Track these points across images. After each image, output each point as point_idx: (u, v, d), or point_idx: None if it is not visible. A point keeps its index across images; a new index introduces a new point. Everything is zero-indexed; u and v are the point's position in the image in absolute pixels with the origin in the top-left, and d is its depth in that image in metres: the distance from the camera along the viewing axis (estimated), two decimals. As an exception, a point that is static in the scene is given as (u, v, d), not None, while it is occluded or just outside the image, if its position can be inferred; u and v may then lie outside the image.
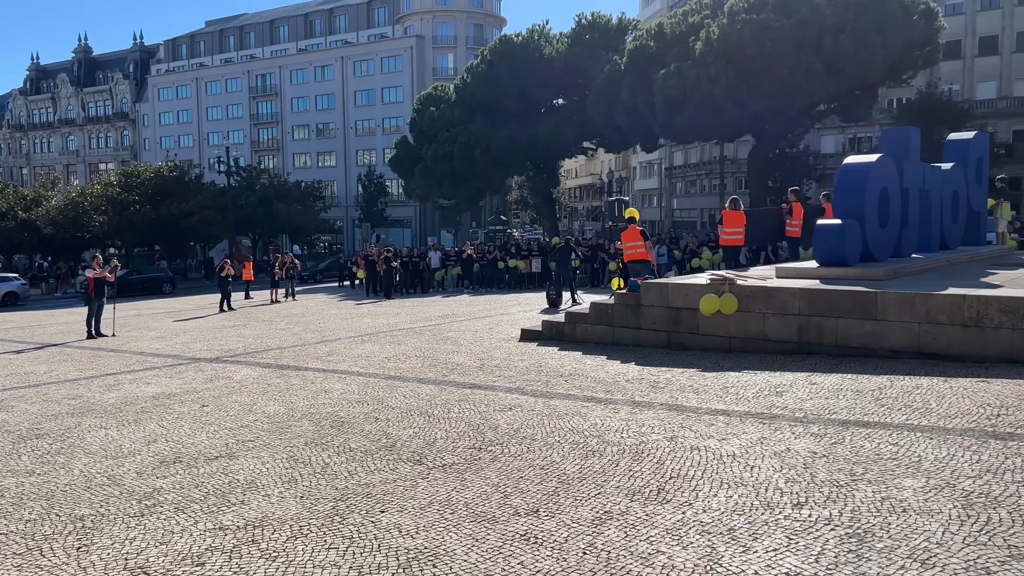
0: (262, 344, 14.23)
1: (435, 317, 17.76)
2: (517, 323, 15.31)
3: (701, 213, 71.65)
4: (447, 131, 43.24)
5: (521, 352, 11.44)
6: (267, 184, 54.83)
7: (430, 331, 14.82)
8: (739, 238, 14.49)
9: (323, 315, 20.13)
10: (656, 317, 11.24)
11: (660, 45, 36.58)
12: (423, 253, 29.19)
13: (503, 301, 21.60)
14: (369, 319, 18.21)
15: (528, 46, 43.39)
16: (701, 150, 71.42)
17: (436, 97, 47.39)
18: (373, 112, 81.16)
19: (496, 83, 43.31)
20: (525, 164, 43.96)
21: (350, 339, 14.27)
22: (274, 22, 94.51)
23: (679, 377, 8.91)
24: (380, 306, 22.36)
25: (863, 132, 60.16)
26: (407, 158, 46.80)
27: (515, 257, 27.13)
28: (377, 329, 15.83)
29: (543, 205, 47.05)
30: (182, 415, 8.22)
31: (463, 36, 79.43)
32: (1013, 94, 55.10)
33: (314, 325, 17.40)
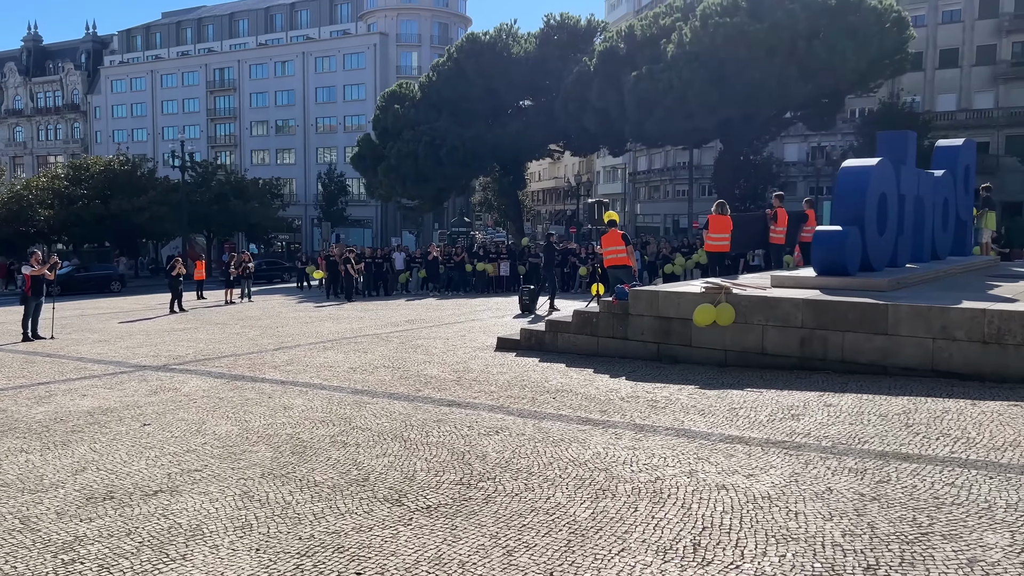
0: (215, 350, 13.13)
1: (401, 322, 16.79)
2: (490, 330, 14.43)
3: (665, 219, 71.58)
4: (412, 129, 42.19)
5: (500, 363, 10.56)
6: (224, 180, 53.14)
7: (398, 338, 13.86)
8: (725, 244, 13.80)
9: (281, 318, 19.01)
10: (645, 327, 10.45)
11: (630, 47, 36.08)
12: (387, 254, 28.13)
13: (472, 306, 20.69)
14: (331, 323, 17.17)
15: (496, 45, 42.59)
16: (665, 155, 71.38)
17: (401, 95, 46.29)
18: (334, 110, 79.59)
19: (463, 81, 42.44)
20: (492, 165, 43.13)
21: (311, 346, 13.24)
22: (233, 15, 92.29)
23: (678, 395, 8.12)
24: (342, 309, 21.30)
25: (826, 141, 60.49)
26: (370, 156, 45.61)
27: (483, 260, 26.23)
28: (340, 335, 14.81)
29: (509, 207, 46.24)
30: (119, 436, 7.17)
31: (428, 35, 78.35)
32: (972, 107, 55.86)
33: (271, 329, 16.31)
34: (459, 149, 39.96)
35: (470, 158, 40.51)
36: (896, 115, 49.92)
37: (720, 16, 30.38)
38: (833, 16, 29.85)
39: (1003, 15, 54.05)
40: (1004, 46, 54.72)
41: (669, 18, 35.87)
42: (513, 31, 43.92)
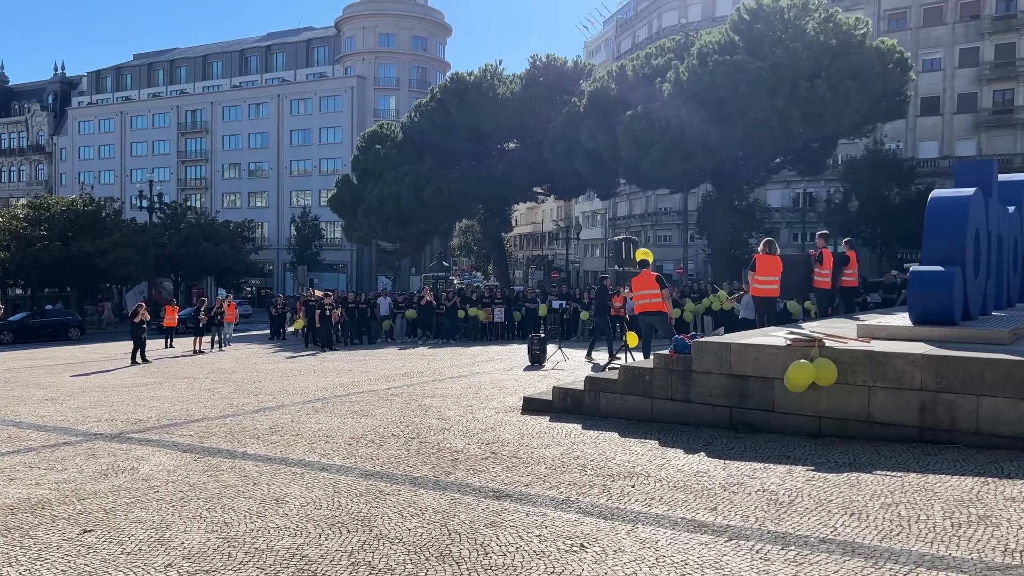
0: (182, 412, 11.03)
1: (397, 376, 14.78)
2: (505, 386, 12.51)
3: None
4: (394, 170, 40.49)
5: (537, 432, 8.64)
6: (193, 222, 50.89)
7: (399, 396, 11.86)
8: (774, 288, 12.10)
9: (257, 371, 16.89)
10: (713, 388, 8.61)
11: (622, 87, 34.88)
12: (370, 299, 26.13)
13: (470, 356, 18.74)
14: (315, 377, 15.11)
15: (481, 85, 41.26)
16: (646, 200, 70.58)
17: (382, 135, 44.68)
18: (310, 152, 77.97)
19: (447, 122, 40.96)
20: (477, 207, 41.48)
21: (297, 407, 11.20)
22: (207, 57, 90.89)
23: (793, 482, 6.25)
24: (323, 360, 19.21)
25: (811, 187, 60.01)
26: (349, 197, 43.73)
27: (475, 305, 24.34)
28: (328, 392, 12.77)
29: (493, 250, 44.55)
30: (45, 551, 5.12)
31: (406, 78, 77.43)
32: (955, 154, 55.63)
33: (248, 385, 14.21)
34: (444, 190, 38.29)
35: (455, 200, 38.84)
36: (881, 162, 49.45)
37: (719, 54, 29.30)
38: (835, 56, 28.92)
39: (983, 64, 54.26)
40: (985, 94, 54.86)
41: (662, 58, 34.83)
42: (498, 72, 42.69)
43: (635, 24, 74.63)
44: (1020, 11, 53.21)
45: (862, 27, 29.66)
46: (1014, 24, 53.64)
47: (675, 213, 68.11)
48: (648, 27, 71.86)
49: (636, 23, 74.46)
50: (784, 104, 28.04)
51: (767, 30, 29.99)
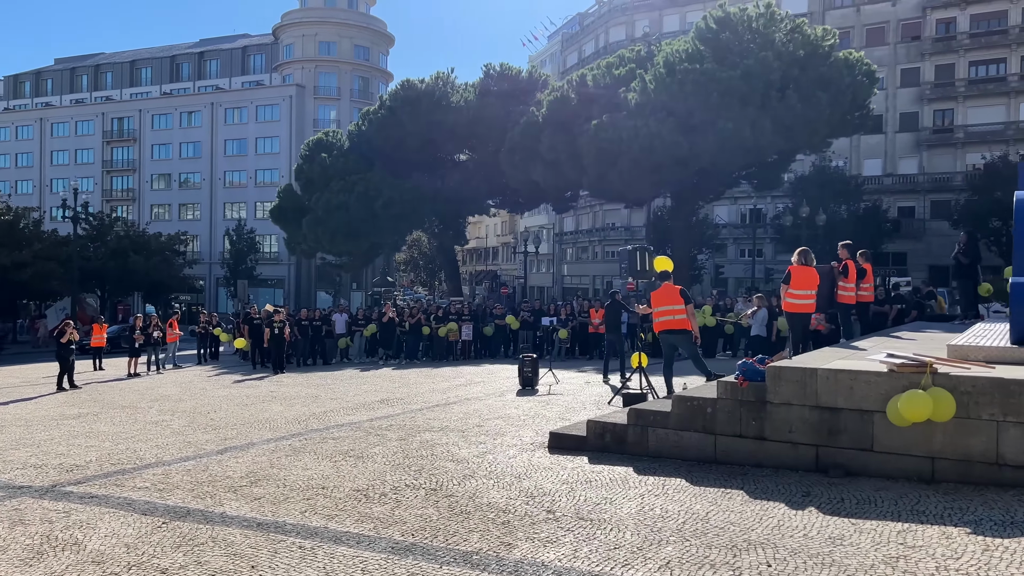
0: (131, 454, 9.09)
1: (373, 403, 13.01)
2: (506, 415, 10.91)
3: (594, 280, 69.61)
4: (341, 180, 38.50)
5: (583, 478, 7.07)
6: (122, 234, 47.71)
7: (389, 429, 10.13)
8: (810, 303, 10.83)
9: (207, 398, 14.85)
10: (795, 422, 7.20)
11: (583, 97, 33.80)
12: (324, 316, 24.14)
13: (445, 378, 17.03)
14: (278, 406, 13.21)
15: (433, 93, 39.71)
16: (593, 216, 69.92)
17: (327, 143, 42.63)
18: (245, 163, 74.96)
19: (398, 130, 39.24)
20: (431, 219, 39.75)
21: (271, 445, 9.38)
22: (135, 63, 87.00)
23: (969, 552, 4.84)
24: (279, 384, 17.22)
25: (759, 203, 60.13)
26: (292, 208, 41.52)
27: (441, 321, 22.61)
28: (302, 424, 10.95)
29: (445, 264, 42.84)
30: None
31: (348, 88, 75.28)
32: (897, 172, 56.55)
33: (202, 416, 12.23)
34: (396, 201, 36.49)
35: (407, 211, 37.07)
36: (829, 178, 49.67)
37: (688, 63, 28.44)
38: (803, 67, 28.37)
39: (924, 84, 55.28)
40: (926, 114, 55.89)
41: (623, 68, 33.90)
42: (450, 80, 41.23)
43: (581, 39, 74.18)
44: (959, 33, 54.42)
45: (830, 38, 29.25)
46: (953, 46, 54.82)
47: (623, 228, 67.58)
48: (595, 42, 71.46)
49: (582, 38, 74.02)
50: (756, 114, 27.29)
51: (735, 40, 29.31)
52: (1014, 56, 52.96)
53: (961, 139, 54.14)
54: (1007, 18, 53.32)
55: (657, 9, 65.88)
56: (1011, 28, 52.95)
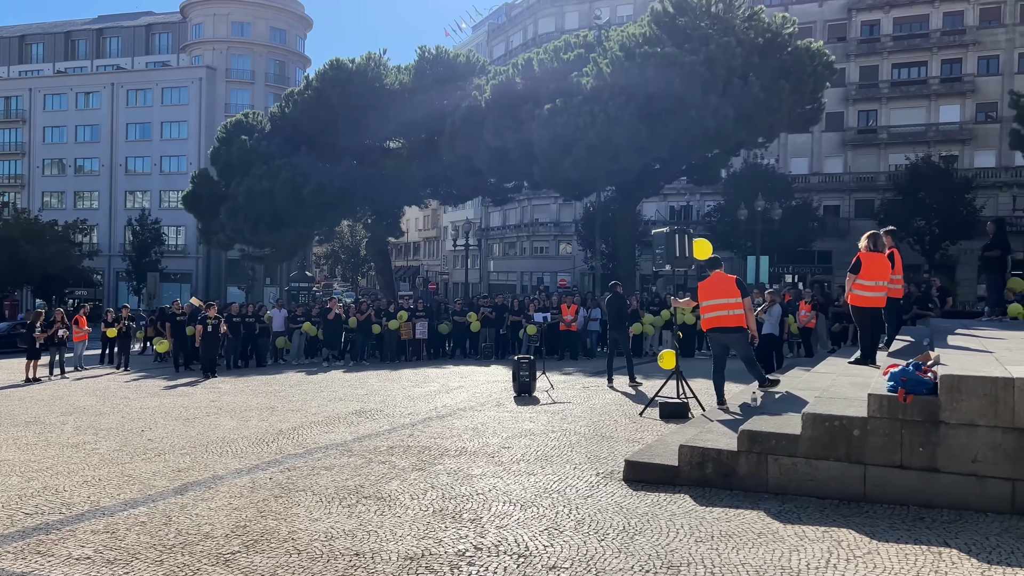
0: (52, 496, 6.67)
1: (347, 415, 10.78)
2: (528, 432, 8.94)
3: (521, 276, 68.04)
4: (265, 164, 35.42)
5: (711, 531, 5.19)
6: (12, 221, 43.08)
7: (392, 454, 7.97)
8: (881, 295, 9.26)
9: (134, 411, 12.23)
10: (982, 449, 5.51)
11: (530, 82, 31.99)
12: (258, 312, 21.43)
13: (412, 382, 14.85)
14: (228, 420, 10.80)
15: (366, 74, 37.11)
16: (521, 211, 68.32)
17: (248, 125, 39.39)
18: (149, 149, 69.95)
19: (327, 113, 36.47)
20: (364, 208, 37.10)
21: (244, 478, 7.11)
22: (25, 38, 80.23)
23: None
24: (217, 391, 14.67)
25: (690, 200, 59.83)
26: (208, 195, 38.10)
27: (393, 317, 20.30)
28: (273, 447, 8.66)
29: (377, 258, 40.19)
30: None
31: (262, 72, 71.20)
32: (823, 171, 57.17)
33: (136, 435, 9.74)
34: (326, 189, 33.72)
35: (338, 199, 34.35)
36: (760, 175, 49.50)
37: (649, 46, 26.98)
38: (764, 55, 27.38)
39: (849, 84, 55.90)
40: (851, 114, 56.57)
41: (572, 52, 32.25)
42: (383, 61, 38.71)
43: (508, 30, 72.43)
44: (883, 35, 55.34)
45: (789, 26, 28.35)
46: (877, 48, 55.68)
47: (552, 224, 66.22)
48: (523, 33, 69.84)
49: (510, 29, 72.26)
50: (718, 102, 26.07)
51: (691, 25, 28.04)
52: (935, 59, 54.18)
53: (884, 140, 55.08)
54: (928, 22, 54.51)
55: (587, 1, 64.77)
56: (932, 32, 54.12)
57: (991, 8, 53.04)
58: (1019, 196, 46.21)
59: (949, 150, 51.53)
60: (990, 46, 52.49)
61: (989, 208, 47.82)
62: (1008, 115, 51.90)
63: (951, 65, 53.73)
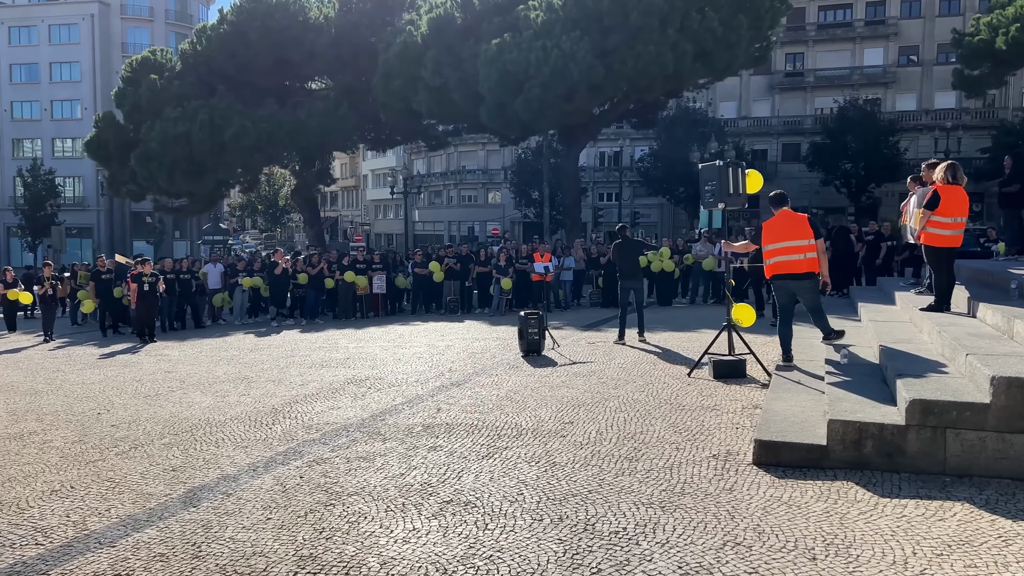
0: (17, 514, 5.00)
1: (343, 384, 9.24)
2: (573, 401, 7.65)
3: (449, 226, 66.24)
4: (179, 107, 32.34)
5: (931, 538, 4.06)
6: None
7: (443, 435, 6.56)
8: (960, 234, 8.25)
9: (73, 385, 10.31)
10: None
11: (470, 16, 30.00)
12: (191, 267, 19.24)
13: (386, 341, 13.30)
14: (199, 395, 9.11)
15: (288, 7, 34.23)
16: (447, 158, 66.18)
17: (156, 63, 35.95)
18: (38, 92, 64.30)
19: (246, 50, 33.53)
20: (291, 153, 34.51)
21: (266, 478, 5.59)
22: None
23: None
24: (164, 358, 12.78)
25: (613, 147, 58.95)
26: (115, 141, 34.71)
27: (347, 270, 18.51)
28: (279, 430, 7.10)
29: (305, 208, 37.70)
30: None
31: (162, 9, 66.02)
32: (751, 114, 57.24)
33: (91, 420, 7.96)
34: (249, 132, 30.99)
35: (263, 143, 31.68)
36: (692, 119, 48.96)
37: (604, -24, 25.45)
38: (721, -14, 26.24)
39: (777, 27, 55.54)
40: (779, 57, 56.41)
41: (516, -16, 30.37)
42: (305, -6, 35.82)
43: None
44: (810, -22, 55.12)
45: (745, -41, 27.20)
46: (804, -10, 55.43)
47: (480, 172, 64.37)
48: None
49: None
50: (676, 37, 24.86)
51: (645, -45, 26.58)
52: (859, 2, 54.48)
53: (811, 83, 55.37)
54: (854, -35, 54.59)
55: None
56: (857, -26, 54.28)
57: (915, -49, 53.46)
58: (940, 139, 47.12)
59: (873, 93, 52.14)
60: (913, -11, 53.04)
61: (912, 151, 48.81)
62: (929, 58, 52.96)
63: (875, 8, 54.14)
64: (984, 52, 31.07)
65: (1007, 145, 44.50)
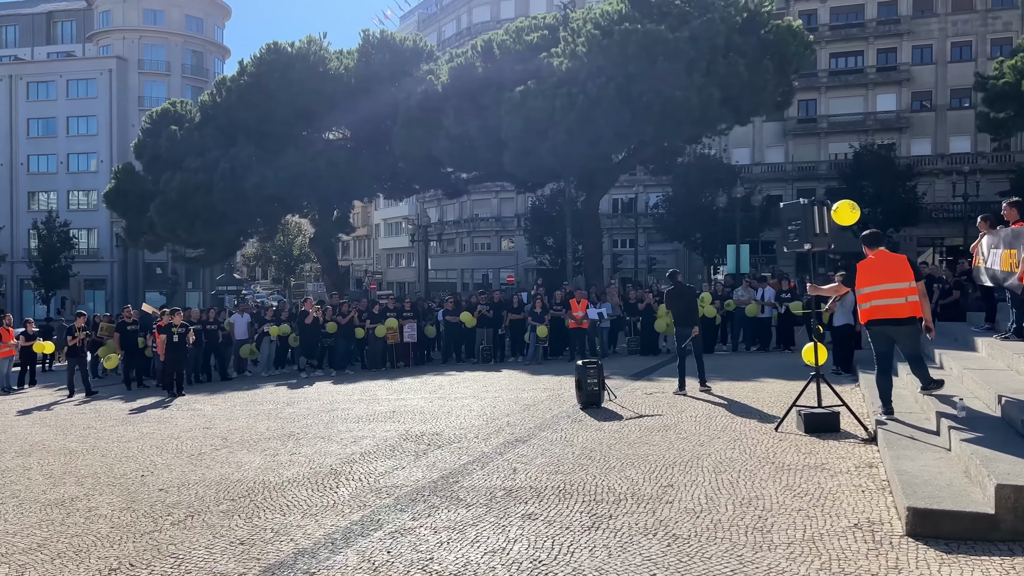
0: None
1: (397, 440, 8.62)
2: (661, 461, 7.04)
3: (462, 274, 65.91)
4: (199, 157, 32.27)
5: None
6: (-98, 224, 38.42)
7: (554, 498, 5.94)
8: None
9: (109, 443, 9.72)
10: None
11: (491, 64, 29.99)
12: (217, 317, 18.74)
13: (429, 392, 12.69)
14: (246, 454, 8.50)
15: (308, 58, 34.35)
16: (460, 207, 66.14)
17: (176, 115, 36.02)
18: (55, 146, 64.75)
19: (265, 100, 33.52)
20: (311, 202, 34.29)
21: (344, 551, 5.00)
22: (-94, 25, 73.11)
23: None
24: (198, 414, 12.20)
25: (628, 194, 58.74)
26: (134, 192, 34.63)
27: (379, 320, 17.98)
28: (348, 496, 6.50)
29: (323, 256, 37.32)
30: None
31: (179, 63, 66.78)
32: (765, 161, 57.17)
33: (135, 483, 7.37)
34: (270, 181, 30.82)
35: (284, 192, 31.51)
36: (710, 165, 48.79)
37: (629, 23, 25.37)
38: (744, 33, 26.16)
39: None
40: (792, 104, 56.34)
41: (536, 34, 30.40)
42: (324, 45, 35.99)
43: (440, 19, 70.11)
44: (820, 25, 55.56)
45: (767, 4, 27.21)
46: (815, 37, 55.66)
47: (493, 220, 64.23)
48: (456, 22, 67.67)
49: (442, 18, 69.96)
50: (703, 82, 24.68)
51: (667, 2, 26.63)
52: (871, 49, 54.76)
53: (825, 129, 55.38)
54: (863, 12, 55.03)
55: (524, -11, 63.16)
56: (868, 22, 54.66)
57: (924, -3, 53.90)
58: (958, 183, 46.85)
59: (887, 138, 52.02)
60: (924, 35, 53.29)
61: (929, 195, 48.54)
62: (943, 103, 53.01)
63: (887, 54, 54.39)
64: (1009, 95, 30.92)
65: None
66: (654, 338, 17.80)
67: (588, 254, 33.62)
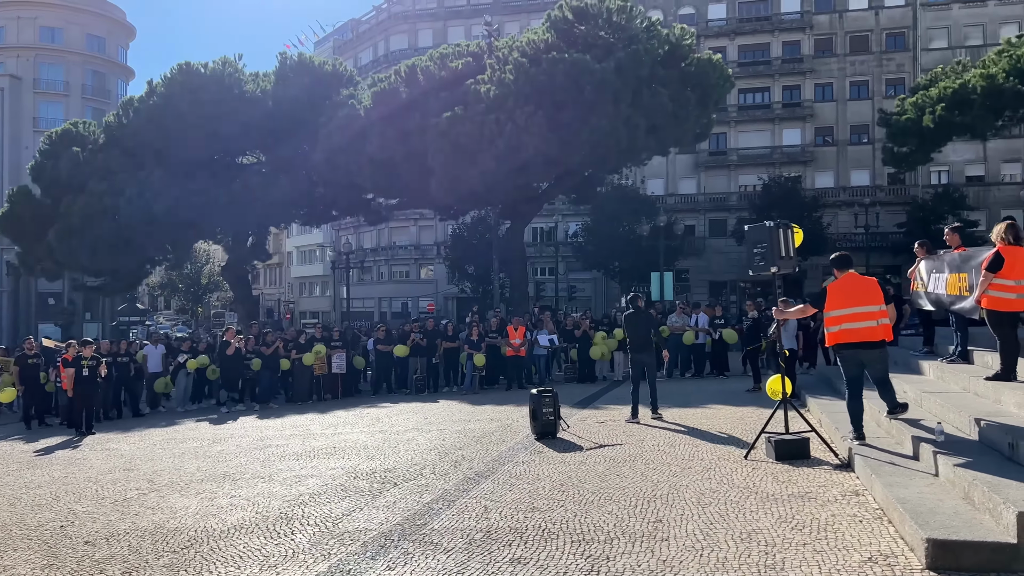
0: None
1: (346, 480, 7.99)
2: (639, 494, 6.72)
3: (379, 302, 64.71)
4: (104, 181, 30.55)
5: None
6: None
7: (505, 540, 5.48)
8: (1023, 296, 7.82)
9: (16, 489, 8.70)
10: None
11: (416, 91, 29.61)
12: (128, 349, 17.47)
13: (367, 425, 12.02)
14: (179, 497, 7.70)
15: (222, 79, 33.11)
16: (377, 234, 65.08)
17: (78, 135, 34.09)
18: (-61, 167, 60.43)
19: (177, 123, 32.02)
20: (226, 228, 32.88)
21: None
22: None
23: None
24: (114, 453, 11.17)
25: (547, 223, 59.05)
26: (31, 217, 32.48)
27: (305, 349, 17.13)
28: (309, 545, 5.88)
29: (238, 285, 35.79)
30: None
31: (78, 83, 63.75)
32: (678, 191, 58.54)
33: (55, 536, 6.51)
34: (182, 207, 29.41)
35: (197, 218, 30.09)
36: (627, 195, 49.64)
37: (556, 52, 25.47)
38: (667, 65, 26.66)
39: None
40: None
41: (460, 61, 30.17)
42: (239, 67, 34.84)
43: (356, 46, 69.32)
44: (729, 62, 57.35)
45: (688, 37, 27.86)
46: (725, 74, 57.59)
47: (412, 247, 63.41)
48: (373, 50, 67.07)
49: (358, 45, 69.19)
50: (629, 112, 24.95)
51: (592, 33, 26.92)
52: (776, 86, 57.04)
53: (735, 161, 57.19)
54: (769, 50, 57.35)
55: (441, 19, 63.23)
56: (774, 59, 56.97)
57: (824, 39, 56.56)
58: (859, 214, 49.04)
59: (793, 171, 54.14)
60: (825, 74, 55.89)
61: (833, 226, 50.68)
62: (843, 139, 55.65)
63: (791, 91, 56.75)
64: (911, 130, 32.52)
65: (920, 220, 46.78)
66: (591, 365, 17.59)
67: (514, 282, 33.39)
